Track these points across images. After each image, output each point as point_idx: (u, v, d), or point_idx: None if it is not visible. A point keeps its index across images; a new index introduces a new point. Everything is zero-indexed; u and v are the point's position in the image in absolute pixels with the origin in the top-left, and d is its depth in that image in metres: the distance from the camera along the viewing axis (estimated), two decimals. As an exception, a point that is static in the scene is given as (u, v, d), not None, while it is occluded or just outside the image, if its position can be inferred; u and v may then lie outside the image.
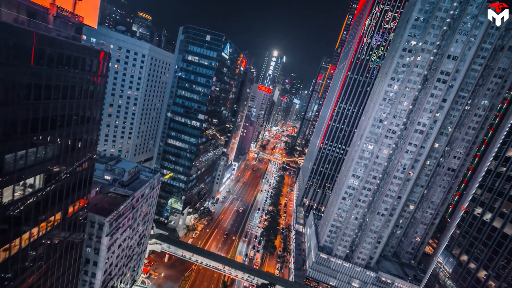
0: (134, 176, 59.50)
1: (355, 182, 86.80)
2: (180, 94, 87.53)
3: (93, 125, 30.91)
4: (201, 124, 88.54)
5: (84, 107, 28.34)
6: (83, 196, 31.59)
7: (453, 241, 49.88)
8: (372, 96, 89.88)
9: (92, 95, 29.05)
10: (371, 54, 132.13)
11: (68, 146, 27.71)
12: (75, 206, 30.16)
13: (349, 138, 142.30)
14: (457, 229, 50.27)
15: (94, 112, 29.90)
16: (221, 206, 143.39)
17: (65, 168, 27.36)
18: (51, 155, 25.20)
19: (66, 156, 27.94)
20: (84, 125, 29.24)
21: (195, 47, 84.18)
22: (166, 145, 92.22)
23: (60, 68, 25.85)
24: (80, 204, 31.33)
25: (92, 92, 28.98)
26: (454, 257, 47.90)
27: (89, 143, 30.82)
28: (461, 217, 50.16)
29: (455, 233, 50.57)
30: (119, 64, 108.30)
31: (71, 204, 29.46)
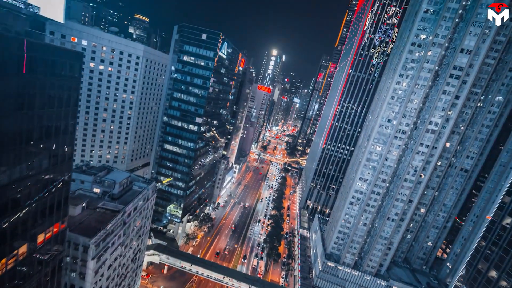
0: (126, 187, 54.90)
1: (363, 186, 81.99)
2: (176, 96, 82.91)
3: (66, 138, 26.25)
4: (198, 128, 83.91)
5: (53, 118, 23.70)
6: (57, 221, 27.09)
7: (479, 253, 45.15)
8: (379, 94, 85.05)
9: (62, 103, 24.42)
10: (374, 51, 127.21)
11: (33, 166, 23.14)
12: (47, 234, 25.63)
13: (353, 138, 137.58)
14: (482, 241, 45.52)
15: (65, 123, 25.25)
16: (223, 211, 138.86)
17: (28, 193, 22.82)
18: (6, 180, 20.67)
19: (30, 179, 23.38)
20: (54, 139, 24.61)
21: (190, 46, 79.51)
22: (163, 151, 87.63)
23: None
24: (54, 230, 26.79)
25: (62, 99, 24.34)
26: (480, 273, 43.18)
27: (61, 160, 26.21)
28: (487, 227, 45.37)
29: (480, 245, 45.86)
30: (113, 67, 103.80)
31: (42, 233, 24.94)
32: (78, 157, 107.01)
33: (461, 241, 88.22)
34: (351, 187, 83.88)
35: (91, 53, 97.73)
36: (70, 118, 25.56)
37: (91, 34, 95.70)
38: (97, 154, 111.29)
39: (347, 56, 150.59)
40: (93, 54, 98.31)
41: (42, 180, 24.30)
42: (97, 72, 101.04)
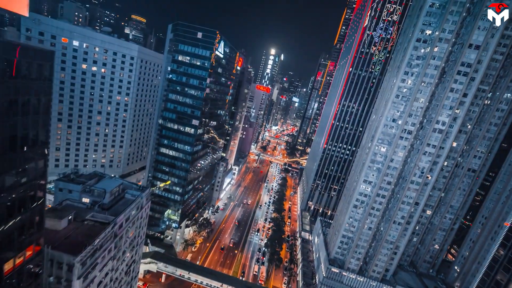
0: (118, 196, 51.58)
1: (368, 189, 78.87)
2: (171, 98, 79.58)
3: (35, 151, 22.72)
4: (195, 131, 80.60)
5: (17, 127, 20.21)
6: (29, 244, 23.73)
7: (497, 264, 42.16)
8: (383, 93, 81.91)
9: (29, 110, 20.98)
10: (375, 48, 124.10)
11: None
12: (17, 261, 22.27)
13: (355, 138, 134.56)
14: (500, 249, 42.52)
15: (34, 133, 21.79)
16: (222, 214, 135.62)
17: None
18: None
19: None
20: (20, 153, 21.14)
21: (185, 46, 76.15)
22: (158, 155, 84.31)
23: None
24: (26, 256, 23.36)
25: (29, 105, 20.86)
26: (500, 286, 40.19)
27: (31, 176, 22.80)
28: (505, 235, 42.34)
29: (498, 254, 42.85)
30: (106, 68, 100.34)
31: (10, 259, 21.61)
32: (72, 161, 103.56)
33: (469, 244, 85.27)
34: (354, 189, 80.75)
35: (83, 54, 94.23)
36: (41, 127, 22.14)
37: (82, 35, 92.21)
38: (91, 158, 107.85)
39: (347, 54, 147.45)
40: (85, 55, 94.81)
41: (5, 201, 20.91)
42: (90, 73, 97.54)
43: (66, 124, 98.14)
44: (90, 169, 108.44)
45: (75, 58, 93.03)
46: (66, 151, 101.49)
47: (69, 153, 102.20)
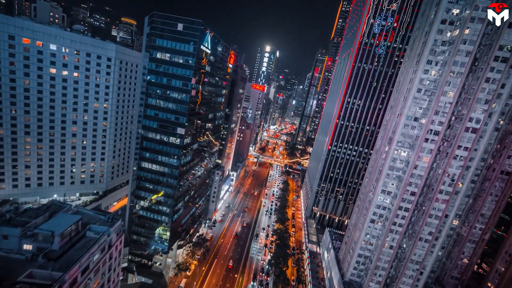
0: (74, 237, 39.48)
1: (387, 200, 67.22)
2: (151, 103, 67.38)
3: None
4: (181, 140, 68.47)
5: None
6: None
7: None
8: (399, 87, 70.14)
9: None
10: (381, 38, 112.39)
11: None
12: None
13: (362, 137, 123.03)
14: None
15: None
16: (220, 226, 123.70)
17: None
18: None
19: None
20: None
21: (164, 41, 63.91)
22: (140, 170, 72.15)
23: None
24: None
25: None
26: None
27: None
28: None
29: None
30: (79, 72, 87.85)
31: None
32: (46, 180, 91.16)
33: (505, 257, 73.94)
34: (371, 201, 69.06)
35: (50, 56, 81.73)
36: None
37: (48, 34, 79.62)
38: (68, 174, 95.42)
39: (349, 46, 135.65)
40: (53, 57, 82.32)
41: None
42: (60, 79, 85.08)
43: (35, 138, 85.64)
44: (68, 187, 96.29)
45: (40, 62, 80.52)
46: (38, 168, 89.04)
47: (42, 170, 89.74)
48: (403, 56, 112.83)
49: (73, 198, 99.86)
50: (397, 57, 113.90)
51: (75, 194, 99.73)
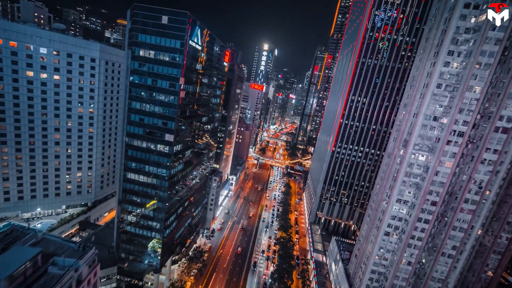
0: (31, 275, 32.00)
1: (403, 210, 59.66)
2: (136, 107, 59.89)
3: None
4: (171, 148, 60.98)
5: None
6: None
7: None
8: (413, 83, 62.49)
9: None
10: (387, 31, 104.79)
11: None
12: None
13: (368, 137, 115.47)
14: None
15: None
16: (220, 236, 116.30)
17: None
18: None
19: None
20: None
21: (147, 36, 56.39)
22: (126, 182, 64.67)
23: None
24: None
25: None
26: None
27: None
28: None
29: None
30: (59, 74, 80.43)
31: None
32: (27, 192, 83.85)
33: (535, 270, 66.38)
34: (384, 211, 61.50)
35: (26, 57, 74.29)
36: None
37: (22, 33, 72.17)
38: (52, 186, 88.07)
39: (351, 41, 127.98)
40: (29, 59, 74.89)
41: None
42: (39, 82, 77.69)
43: (13, 148, 78.27)
44: (52, 199, 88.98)
45: (15, 64, 73.10)
46: (19, 181, 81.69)
47: (23, 183, 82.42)
48: (410, 49, 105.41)
49: (59, 211, 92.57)
50: (404, 51, 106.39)
51: (61, 207, 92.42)
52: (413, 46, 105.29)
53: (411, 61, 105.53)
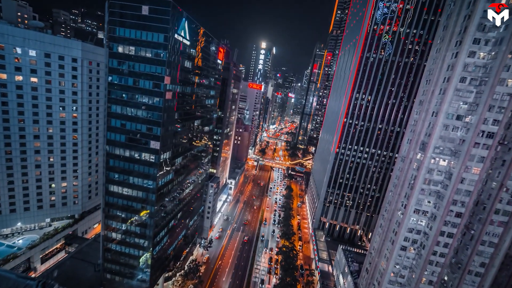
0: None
1: (422, 222, 52.56)
2: (116, 112, 52.76)
3: None
4: (157, 157, 53.85)
5: None
6: None
7: None
8: (430, 77, 55.31)
9: None
10: (393, 22, 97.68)
11: None
12: None
13: (374, 137, 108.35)
14: None
15: None
16: (218, 245, 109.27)
17: None
18: None
19: None
20: None
21: (126, 29, 49.25)
22: (109, 195, 57.57)
23: None
24: None
25: None
26: None
27: None
28: None
29: None
30: (37, 76, 73.25)
31: None
32: (5, 206, 76.73)
33: None
34: (401, 223, 54.38)
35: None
36: None
37: (-9, 31, 65.01)
38: (34, 198, 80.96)
39: (354, 35, 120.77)
40: (2, 60, 67.70)
41: None
42: (13, 85, 70.51)
43: (-13, 158, 71.24)
44: (35, 212, 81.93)
45: (-15, 66, 66.01)
46: (-5, 194, 74.63)
47: (0, 196, 75.31)
48: (418, 42, 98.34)
49: (42, 224, 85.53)
50: (411, 44, 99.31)
51: (44, 220, 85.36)
52: (421, 39, 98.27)
53: (420, 54, 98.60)
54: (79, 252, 77.26)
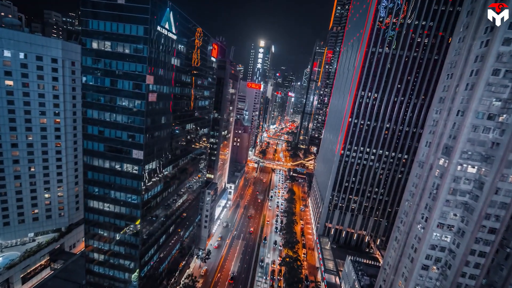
0: None
1: (447, 238, 45.58)
2: (93, 117, 45.92)
3: None
4: (141, 168, 46.99)
5: None
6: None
7: None
8: (452, 70, 48.24)
9: None
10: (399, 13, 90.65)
11: None
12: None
13: (381, 138, 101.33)
14: None
15: None
16: (217, 255, 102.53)
17: None
18: None
19: None
20: None
21: (100, 22, 42.40)
22: (88, 211, 50.75)
23: None
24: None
25: None
26: None
27: None
28: None
29: None
30: (12, 79, 66.52)
31: None
32: (-18, 222, 70.10)
33: None
34: (421, 238, 47.38)
35: (-34, 60, 60.49)
36: None
37: (-43, 29, 58.30)
38: (14, 212, 74.32)
39: (358, 29, 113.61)
40: (-29, 61, 61.08)
41: None
42: (-15, 89, 63.87)
43: (-42, 170, 64.59)
44: (16, 227, 75.32)
45: (-48, 68, 59.33)
46: (-30, 208, 68.07)
47: (-25, 211, 68.78)
48: (428, 34, 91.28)
49: (25, 240, 78.95)
50: (420, 37, 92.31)
51: (27, 235, 78.75)
52: (431, 31, 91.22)
53: (430, 48, 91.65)
54: (63, 270, 70.78)
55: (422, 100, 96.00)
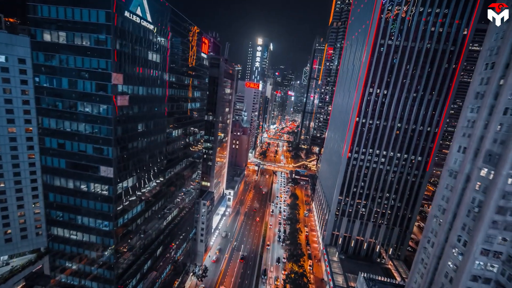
0: None
1: (493, 268, 36.50)
2: (50, 127, 37.09)
3: None
4: (112, 188, 38.09)
5: None
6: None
7: None
8: (492, 59, 39.09)
9: None
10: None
11: None
12: None
13: (392, 138, 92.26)
14: None
15: None
16: (215, 270, 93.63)
17: None
18: None
19: None
20: None
21: (52, 7, 33.55)
22: (53, 241, 41.89)
23: None
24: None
25: None
26: None
27: None
28: None
29: None
30: (-28, 83, 57.69)
31: None
32: None
33: None
34: (459, 267, 38.24)
35: None
36: None
37: None
38: (-18, 233, 65.57)
39: (363, 21, 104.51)
40: None
41: None
42: None
43: None
44: (-16, 250, 66.26)
45: None
46: None
47: None
48: (442, 23, 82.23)
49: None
50: (434, 26, 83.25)
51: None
52: (445, 19, 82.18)
53: (445, 38, 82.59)
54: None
55: (438, 95, 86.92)
